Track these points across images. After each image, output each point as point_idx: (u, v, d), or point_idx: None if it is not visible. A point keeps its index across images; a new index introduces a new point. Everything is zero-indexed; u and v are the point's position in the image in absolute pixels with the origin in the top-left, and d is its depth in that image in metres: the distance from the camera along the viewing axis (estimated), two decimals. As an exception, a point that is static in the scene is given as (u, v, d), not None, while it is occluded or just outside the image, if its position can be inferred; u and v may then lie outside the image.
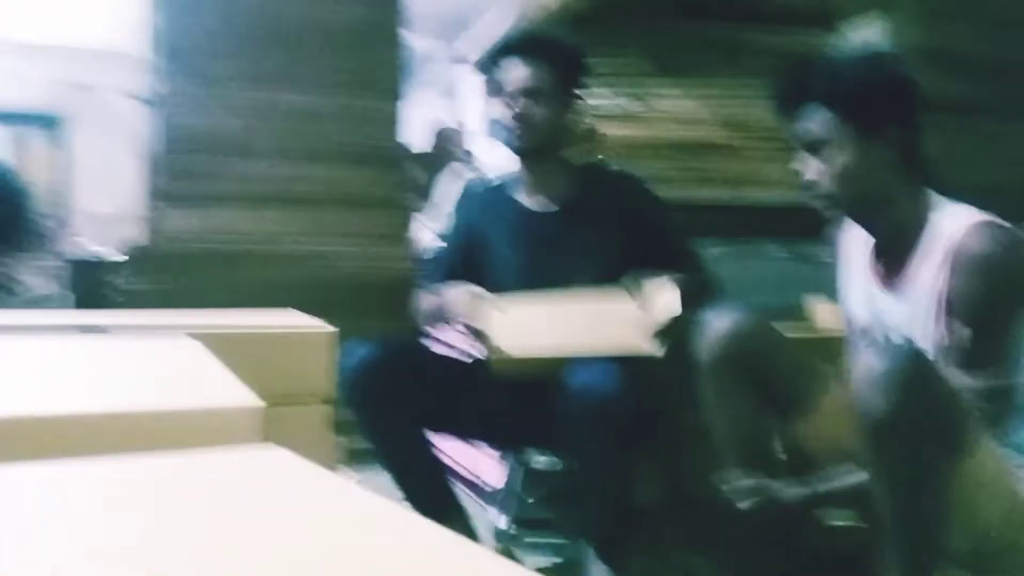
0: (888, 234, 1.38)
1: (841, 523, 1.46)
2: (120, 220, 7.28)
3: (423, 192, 4.73)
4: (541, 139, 1.69)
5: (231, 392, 0.34)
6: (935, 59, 2.44)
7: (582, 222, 1.72)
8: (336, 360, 0.59)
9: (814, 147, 1.34)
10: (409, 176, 3.38)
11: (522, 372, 1.56)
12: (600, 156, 2.09)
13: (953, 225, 1.27)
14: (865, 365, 1.17)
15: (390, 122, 3.14)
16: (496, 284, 1.72)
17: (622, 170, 1.97)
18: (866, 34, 2.62)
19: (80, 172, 7.51)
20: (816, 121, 1.33)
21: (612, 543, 1.56)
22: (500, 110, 1.70)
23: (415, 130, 4.76)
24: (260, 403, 0.32)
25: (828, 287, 1.61)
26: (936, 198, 1.35)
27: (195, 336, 0.56)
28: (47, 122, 7.56)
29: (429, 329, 2.68)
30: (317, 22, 3.07)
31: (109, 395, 0.37)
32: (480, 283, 1.73)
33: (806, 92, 1.35)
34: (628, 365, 1.50)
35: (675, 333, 1.51)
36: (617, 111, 2.19)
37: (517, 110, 1.66)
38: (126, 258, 2.81)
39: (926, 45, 2.58)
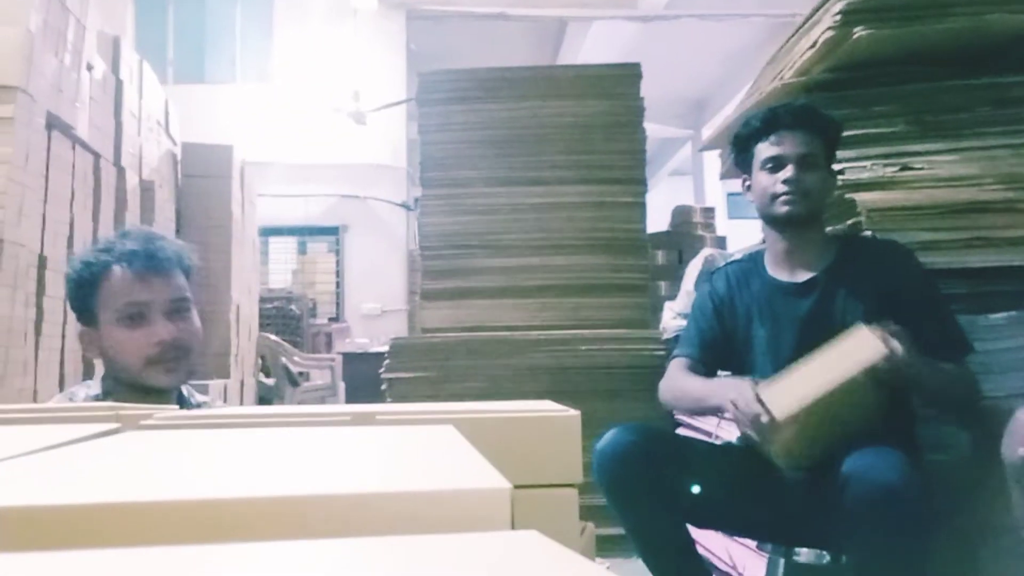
0: None
1: None
2: (386, 316, 8.00)
3: (670, 277, 4.73)
4: (811, 207, 1.66)
5: (479, 474, 0.35)
6: None
7: (839, 294, 1.62)
8: (582, 444, 0.60)
9: None
10: (656, 261, 3.41)
11: (802, 450, 1.47)
12: (861, 228, 1.96)
13: None
14: None
15: (633, 209, 3.19)
16: (748, 361, 1.66)
17: (884, 239, 1.84)
18: None
19: (353, 275, 8.37)
20: None
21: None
22: (764, 181, 1.67)
23: (662, 216, 4.80)
24: (507, 484, 0.32)
25: None
26: None
27: (449, 421, 0.59)
28: (327, 232, 8.56)
29: (684, 416, 2.61)
30: (560, 121, 3.23)
31: (361, 477, 0.39)
32: (731, 359, 1.69)
33: None
34: (913, 454, 1.37)
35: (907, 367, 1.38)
36: (874, 177, 2.06)
37: (790, 176, 1.63)
38: (390, 350, 3.05)
39: None
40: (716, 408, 1.63)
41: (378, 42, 8.27)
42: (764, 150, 1.67)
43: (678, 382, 1.72)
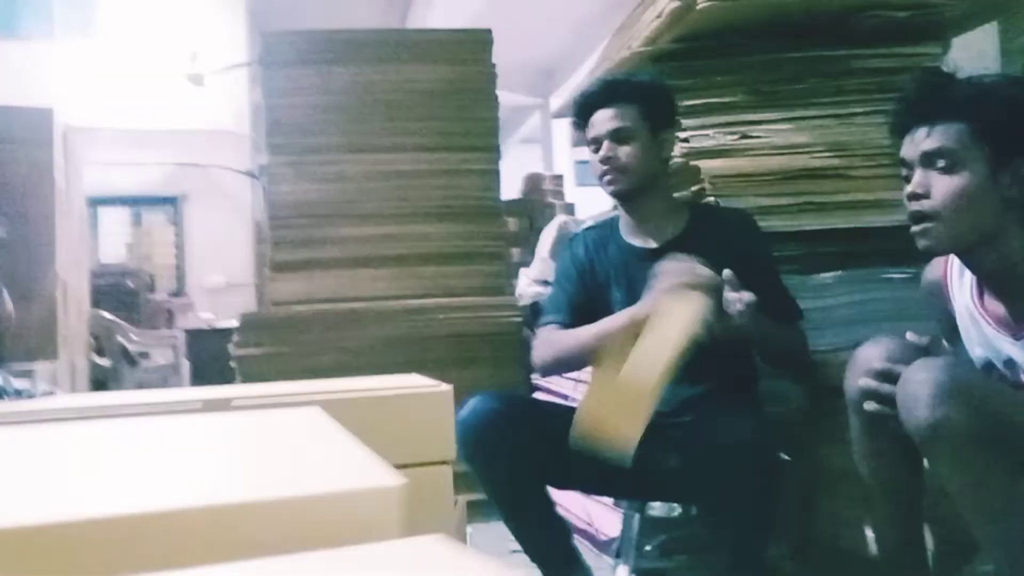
0: (999, 273, 1.28)
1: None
2: (232, 290, 7.66)
3: (523, 244, 4.77)
4: (632, 181, 1.70)
5: (366, 470, 0.31)
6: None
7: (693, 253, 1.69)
8: (454, 418, 0.58)
9: (937, 164, 1.26)
10: (509, 229, 3.42)
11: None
12: (705, 193, 2.04)
13: None
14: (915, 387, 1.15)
15: (488, 177, 3.19)
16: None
17: (731, 207, 1.92)
18: (978, 47, 2.50)
19: (194, 247, 7.93)
20: (948, 136, 1.25)
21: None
22: (592, 161, 1.73)
23: (512, 183, 4.81)
24: (399, 480, 0.29)
25: (942, 319, 1.50)
26: None
27: (314, 403, 0.54)
28: (164, 202, 8.05)
29: (540, 379, 2.65)
30: (410, 87, 3.16)
31: (229, 482, 0.34)
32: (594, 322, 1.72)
33: (940, 107, 1.27)
34: (764, 410, 1.44)
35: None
36: (717, 145, 2.14)
37: (604, 154, 1.67)
38: (239, 326, 2.91)
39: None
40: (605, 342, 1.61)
41: (216, -1, 7.82)
42: (586, 131, 1.73)
43: (557, 342, 1.72)
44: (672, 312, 1.44)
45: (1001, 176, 1.24)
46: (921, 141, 1.27)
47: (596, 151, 1.71)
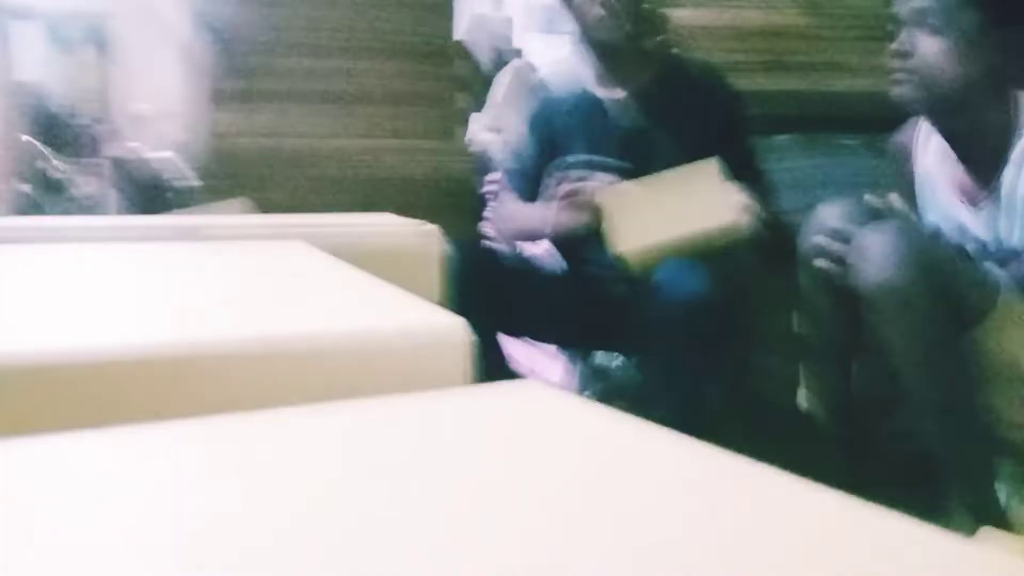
0: (972, 144, 1.31)
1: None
2: (166, 119, 7.29)
3: (470, 88, 4.61)
4: (621, 28, 1.64)
5: (417, 309, 0.28)
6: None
7: (663, 115, 1.66)
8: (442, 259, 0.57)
9: (927, 22, 1.26)
10: (461, 72, 3.28)
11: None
12: (670, 43, 1.98)
13: None
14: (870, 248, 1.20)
15: (439, 12, 3.03)
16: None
17: (703, 62, 1.88)
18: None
19: (120, 70, 7.46)
20: (928, 4, 1.24)
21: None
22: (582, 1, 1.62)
23: (465, 24, 4.59)
24: (461, 320, 0.26)
25: (901, 185, 1.53)
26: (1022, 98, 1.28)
27: (293, 236, 0.50)
28: (85, 20, 7.48)
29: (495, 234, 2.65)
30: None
31: (252, 320, 0.30)
32: None
33: None
34: (715, 264, 1.47)
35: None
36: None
37: None
38: (172, 157, 2.79)
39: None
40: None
41: None
42: None
43: (520, 217, 1.73)
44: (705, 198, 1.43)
45: (985, 40, 1.24)
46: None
47: None
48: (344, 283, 0.37)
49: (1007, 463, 1.31)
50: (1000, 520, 1.27)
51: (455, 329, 0.27)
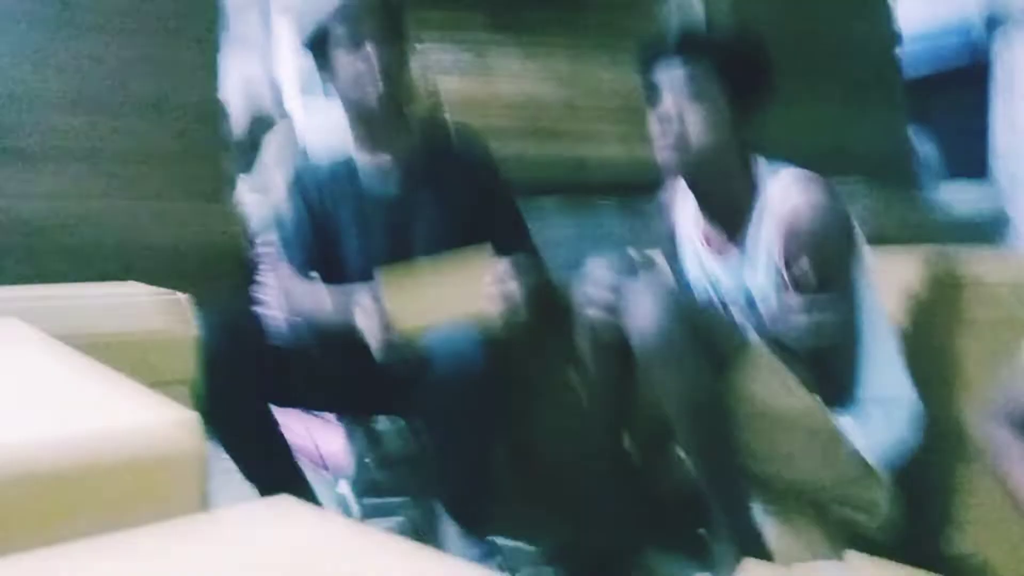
0: (721, 203, 1.45)
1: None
2: None
3: (238, 149, 4.45)
4: (391, 87, 1.64)
5: (135, 400, 0.24)
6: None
7: (422, 179, 1.67)
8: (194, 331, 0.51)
9: (686, 93, 1.38)
10: (228, 133, 3.16)
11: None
12: (439, 109, 2.03)
13: (780, 186, 1.36)
14: (635, 300, 1.29)
15: (205, 70, 2.90)
16: (347, 262, 1.67)
17: (468, 131, 1.94)
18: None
19: None
20: (694, 73, 1.37)
21: (465, 503, 1.55)
22: (343, 62, 1.61)
23: (231, 84, 4.42)
24: (196, 424, 0.23)
25: (662, 241, 1.66)
26: (764, 164, 1.43)
27: (6, 311, 0.43)
28: None
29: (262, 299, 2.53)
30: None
31: None
32: (331, 263, 1.67)
33: (692, 42, 1.38)
34: (488, 327, 1.48)
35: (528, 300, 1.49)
36: (455, 66, 2.13)
37: (369, 53, 1.59)
38: None
39: (735, 19, 2.71)
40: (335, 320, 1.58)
41: None
42: (338, 29, 1.60)
43: (293, 292, 1.66)
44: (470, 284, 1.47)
45: (734, 112, 1.38)
46: (674, 70, 1.38)
47: (351, 51, 1.59)
48: (53, 372, 0.31)
49: (761, 497, 1.42)
50: (760, 551, 1.36)
51: (182, 433, 0.23)
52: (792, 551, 1.38)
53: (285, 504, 0.23)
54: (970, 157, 6.84)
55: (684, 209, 1.56)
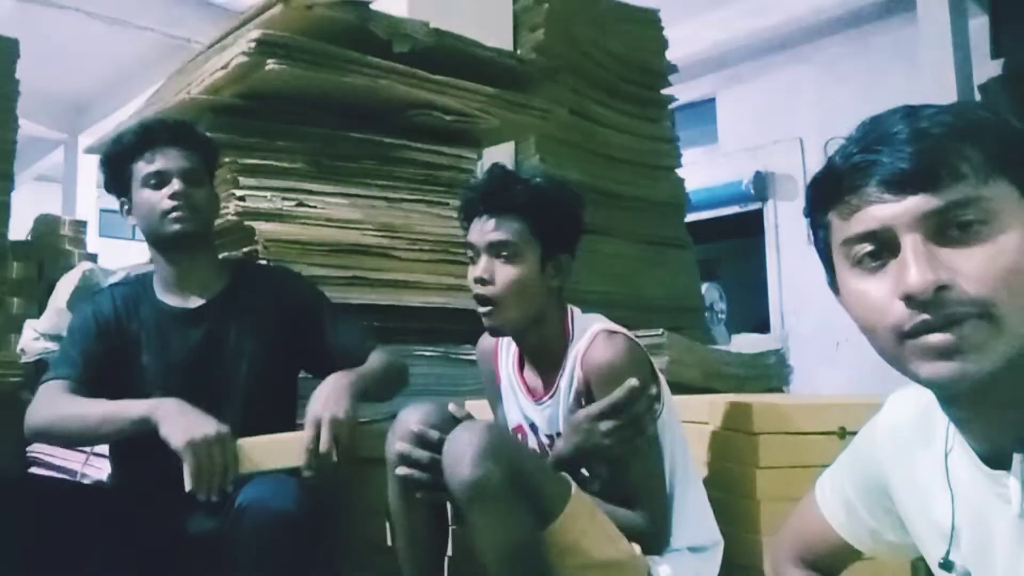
0: (537, 352, 1.50)
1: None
2: None
3: (28, 293, 4.12)
4: (202, 223, 1.62)
5: None
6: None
7: (233, 321, 1.61)
8: None
9: (500, 254, 1.42)
10: (8, 274, 2.92)
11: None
12: (257, 256, 1.99)
13: (586, 338, 1.43)
14: (454, 447, 1.27)
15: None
16: (138, 388, 1.54)
17: (276, 266, 1.91)
18: (502, 158, 2.89)
19: None
20: (510, 230, 1.42)
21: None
22: (150, 199, 1.57)
23: (22, 224, 4.15)
24: None
25: (487, 388, 1.67)
26: (578, 313, 1.51)
27: None
28: None
29: (40, 452, 2.28)
30: None
31: None
32: (116, 385, 1.53)
33: (504, 202, 1.44)
34: (302, 480, 1.41)
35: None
36: (273, 209, 2.12)
37: (178, 190, 1.56)
38: None
39: (547, 172, 2.92)
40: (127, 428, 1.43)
41: None
42: (144, 167, 1.59)
43: (65, 405, 1.48)
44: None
45: (547, 268, 1.44)
46: (488, 232, 1.43)
47: (156, 187, 1.58)
48: None
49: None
50: None
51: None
52: None
53: None
54: (754, 310, 7.57)
55: (505, 356, 1.59)
